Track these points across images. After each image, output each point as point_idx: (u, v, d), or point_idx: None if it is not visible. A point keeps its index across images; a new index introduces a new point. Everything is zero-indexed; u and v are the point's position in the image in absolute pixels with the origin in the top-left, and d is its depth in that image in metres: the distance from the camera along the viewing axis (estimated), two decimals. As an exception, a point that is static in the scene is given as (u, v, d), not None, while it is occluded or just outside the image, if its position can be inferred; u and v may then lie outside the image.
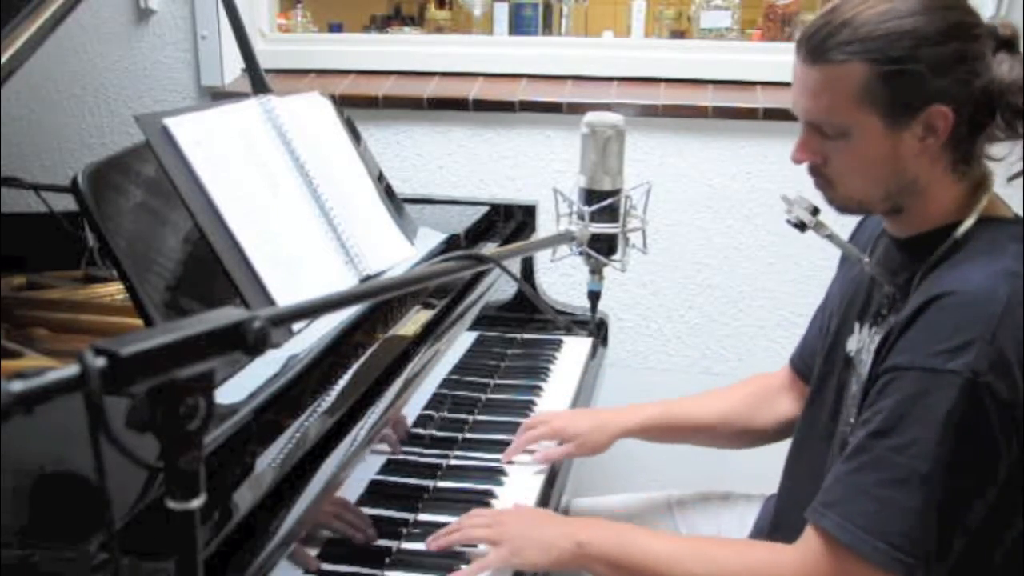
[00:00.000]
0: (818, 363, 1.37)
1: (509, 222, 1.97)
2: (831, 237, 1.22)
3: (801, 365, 1.51)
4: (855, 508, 1.06)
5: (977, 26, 1.10)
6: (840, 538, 1.07)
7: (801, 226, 1.24)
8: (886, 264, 1.24)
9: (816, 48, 1.11)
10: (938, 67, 1.07)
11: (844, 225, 1.30)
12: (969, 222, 1.13)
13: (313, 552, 1.12)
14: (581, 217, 1.43)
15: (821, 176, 1.18)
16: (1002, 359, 1.02)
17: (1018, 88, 1.09)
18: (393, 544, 1.26)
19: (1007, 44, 1.11)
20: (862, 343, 1.25)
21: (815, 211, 1.23)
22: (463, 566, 1.23)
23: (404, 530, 1.29)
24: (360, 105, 2.30)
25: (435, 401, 1.48)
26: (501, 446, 1.53)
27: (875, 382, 1.11)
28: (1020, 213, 1.21)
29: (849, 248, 1.25)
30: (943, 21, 1.07)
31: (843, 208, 1.20)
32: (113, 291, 1.61)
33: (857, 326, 1.28)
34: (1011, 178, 1.17)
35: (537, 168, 2.36)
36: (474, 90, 2.35)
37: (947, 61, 1.07)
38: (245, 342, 0.63)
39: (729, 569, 1.17)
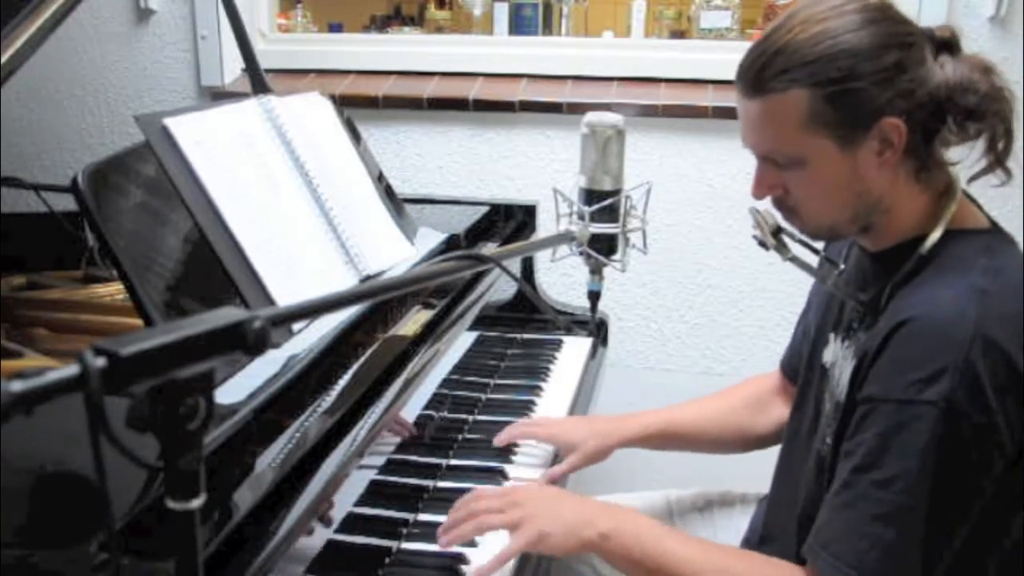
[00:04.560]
0: (801, 371, 1.37)
1: (509, 222, 1.97)
2: (794, 260, 1.21)
3: (790, 369, 1.50)
4: (846, 547, 1.06)
5: (910, 34, 1.09)
6: None
7: (764, 245, 1.22)
8: (858, 274, 1.23)
9: (753, 81, 1.09)
10: (880, 80, 1.05)
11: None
12: (935, 236, 1.11)
13: (313, 552, 1.12)
14: (581, 217, 1.43)
15: (785, 208, 1.17)
16: (975, 384, 1.01)
17: (964, 88, 1.07)
18: (393, 544, 1.26)
19: (946, 46, 1.10)
20: (836, 356, 1.24)
21: (778, 230, 1.21)
22: (472, 562, 1.21)
23: (404, 530, 1.29)
24: (360, 105, 2.30)
25: (435, 401, 1.48)
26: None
27: (852, 410, 1.11)
28: (996, 218, 1.19)
29: (813, 271, 1.24)
30: (876, 35, 1.06)
31: (815, 236, 1.20)
32: (113, 291, 1.61)
33: (832, 337, 1.27)
34: (971, 179, 1.15)
35: (537, 168, 2.36)
36: (474, 90, 2.35)
37: (888, 73, 1.05)
38: (245, 342, 0.63)
39: None
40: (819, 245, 1.34)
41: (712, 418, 1.56)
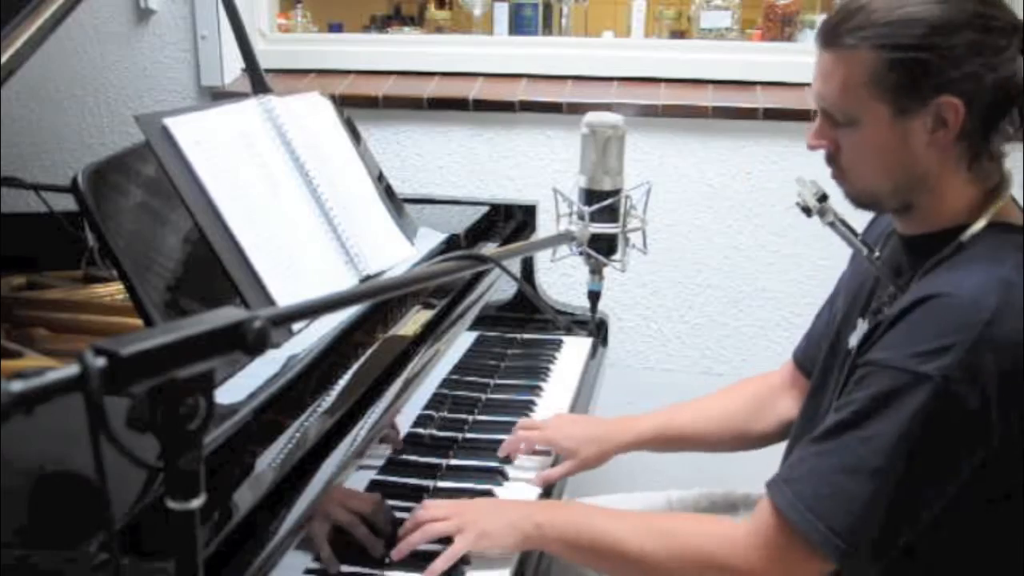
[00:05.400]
0: (821, 356, 1.36)
1: (509, 222, 1.97)
2: (834, 225, 1.21)
3: (804, 359, 1.50)
4: (809, 489, 1.08)
5: (995, 18, 1.08)
6: (787, 515, 1.09)
7: (807, 211, 1.23)
8: (892, 263, 1.23)
9: (830, 33, 1.11)
10: (949, 57, 1.05)
11: (859, 220, 1.29)
12: (978, 226, 1.11)
13: (313, 552, 1.12)
14: (581, 217, 1.42)
15: (835, 166, 1.18)
16: (977, 368, 1.02)
17: None
18: (393, 544, 1.26)
19: None
20: (861, 339, 1.24)
21: (823, 197, 1.21)
22: (473, 561, 1.22)
23: (404, 530, 1.29)
24: (360, 105, 2.30)
25: (435, 401, 1.48)
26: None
27: (854, 371, 1.12)
28: None
29: (853, 239, 1.24)
30: (958, 11, 1.06)
31: (857, 201, 1.20)
32: (113, 291, 1.61)
33: (859, 322, 1.27)
34: None
35: (537, 168, 2.36)
36: (474, 90, 2.35)
37: (959, 51, 1.05)
38: (245, 342, 0.63)
39: (682, 541, 1.18)
40: (859, 227, 1.33)
41: (713, 419, 1.56)
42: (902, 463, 1.04)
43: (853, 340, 1.27)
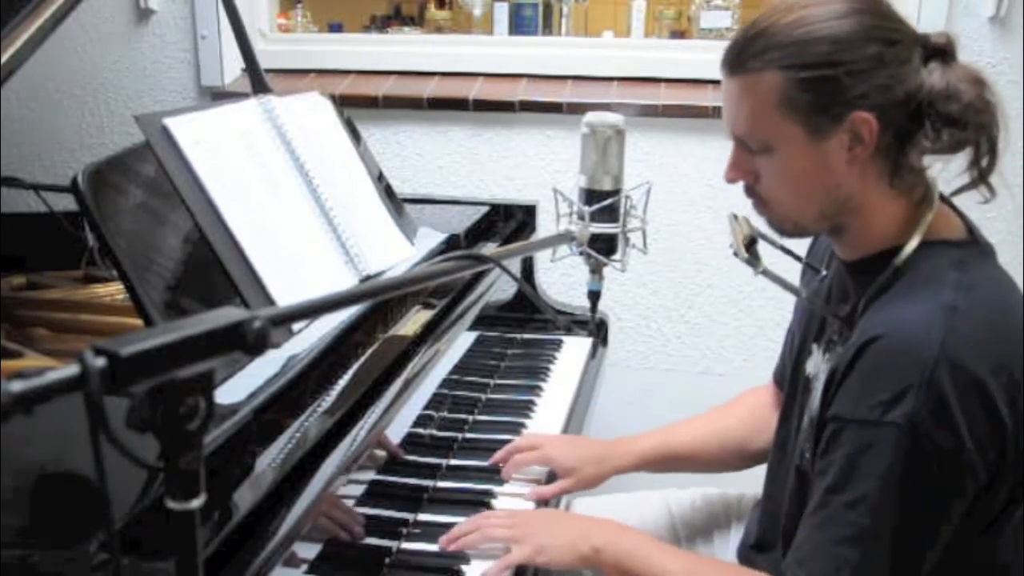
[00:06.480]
0: (786, 382, 1.36)
1: (509, 222, 1.97)
2: (766, 273, 1.20)
3: (781, 380, 1.48)
4: (817, 567, 1.06)
5: (896, 30, 1.07)
6: None
7: (737, 255, 1.22)
8: (838, 285, 1.21)
9: (734, 59, 1.09)
10: (856, 72, 1.04)
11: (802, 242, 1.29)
12: (910, 247, 1.09)
13: (313, 552, 1.12)
14: (581, 217, 1.42)
15: (756, 196, 1.16)
16: (941, 405, 0.99)
17: (948, 96, 1.05)
18: (393, 544, 1.26)
19: (940, 53, 1.08)
20: (817, 368, 1.22)
21: (752, 242, 1.20)
22: (472, 562, 1.23)
23: (404, 530, 1.29)
24: (360, 105, 2.30)
25: (435, 401, 1.48)
26: (501, 446, 1.52)
27: (825, 426, 1.10)
28: (973, 223, 1.16)
29: (786, 284, 1.22)
30: (859, 25, 1.05)
31: (782, 230, 1.18)
32: (113, 291, 1.61)
33: (814, 347, 1.25)
34: (953, 193, 1.13)
35: (537, 168, 2.36)
36: (474, 90, 2.35)
37: (865, 65, 1.04)
38: (245, 342, 0.63)
39: None
40: (801, 252, 1.33)
41: (710, 439, 1.54)
42: (892, 517, 1.02)
43: (810, 367, 1.26)
